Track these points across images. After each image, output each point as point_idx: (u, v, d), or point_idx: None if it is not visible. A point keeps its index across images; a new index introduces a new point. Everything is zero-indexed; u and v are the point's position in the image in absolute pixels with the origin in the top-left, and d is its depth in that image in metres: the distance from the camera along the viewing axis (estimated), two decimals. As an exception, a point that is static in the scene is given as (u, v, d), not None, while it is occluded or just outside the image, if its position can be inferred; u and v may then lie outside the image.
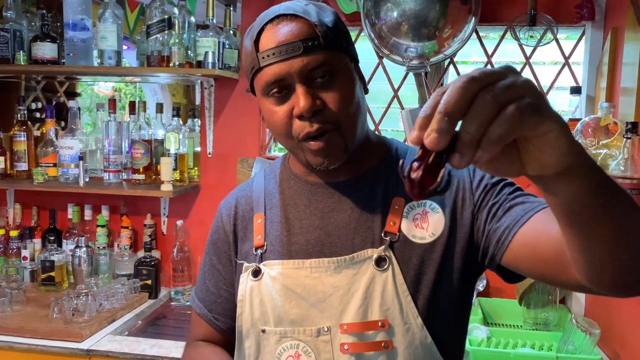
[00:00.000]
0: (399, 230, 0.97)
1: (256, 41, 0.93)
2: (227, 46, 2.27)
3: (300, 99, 0.90)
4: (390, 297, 0.95)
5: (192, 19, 2.29)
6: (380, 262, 0.96)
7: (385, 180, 1.01)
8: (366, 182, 1.01)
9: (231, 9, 2.33)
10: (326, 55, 0.91)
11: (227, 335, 1.10)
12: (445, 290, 0.97)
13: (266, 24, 0.93)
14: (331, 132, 0.93)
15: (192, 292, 1.17)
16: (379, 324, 0.95)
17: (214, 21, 2.24)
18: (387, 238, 0.96)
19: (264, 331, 1.00)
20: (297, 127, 0.93)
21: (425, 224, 0.97)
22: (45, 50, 2.26)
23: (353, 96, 0.95)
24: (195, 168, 2.46)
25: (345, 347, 0.95)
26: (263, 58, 0.91)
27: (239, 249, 1.07)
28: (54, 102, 2.61)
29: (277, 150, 2.51)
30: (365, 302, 0.95)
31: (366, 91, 1.01)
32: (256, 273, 1.01)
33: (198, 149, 2.45)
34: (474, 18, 2.07)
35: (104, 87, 3.02)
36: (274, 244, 1.02)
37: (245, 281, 1.02)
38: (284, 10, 0.93)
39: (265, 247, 1.03)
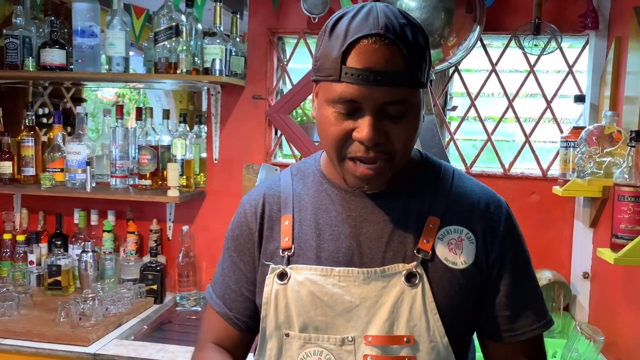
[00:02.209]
0: (432, 249, 0.97)
1: (345, 51, 0.88)
2: (233, 53, 2.29)
3: (365, 128, 0.88)
4: (418, 313, 0.95)
5: (199, 26, 2.32)
6: (410, 277, 0.95)
7: (420, 196, 1.01)
8: (401, 196, 1.01)
9: (238, 16, 2.35)
10: (406, 94, 0.89)
11: (246, 334, 1.09)
12: (466, 315, 1.00)
13: (361, 38, 0.87)
14: (383, 162, 0.92)
15: (209, 289, 1.13)
16: (405, 339, 0.95)
17: (221, 28, 2.26)
18: (420, 255, 0.96)
19: (287, 335, 1.00)
20: (352, 148, 0.92)
21: (459, 251, 0.98)
22: (54, 56, 2.28)
23: (415, 132, 0.94)
24: (201, 174, 2.48)
25: (369, 359, 0.96)
26: (346, 74, 0.87)
27: (264, 248, 1.05)
28: (60, 108, 2.63)
29: (282, 157, 2.53)
30: (392, 316, 0.95)
31: (422, 118, 0.99)
32: (282, 276, 1.00)
33: (204, 155, 2.47)
34: (478, 27, 2.09)
35: (108, 92, 3.04)
36: (303, 247, 1.01)
37: (271, 283, 1.00)
38: (383, 29, 0.86)
39: (292, 250, 1.01)
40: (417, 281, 0.95)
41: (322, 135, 0.95)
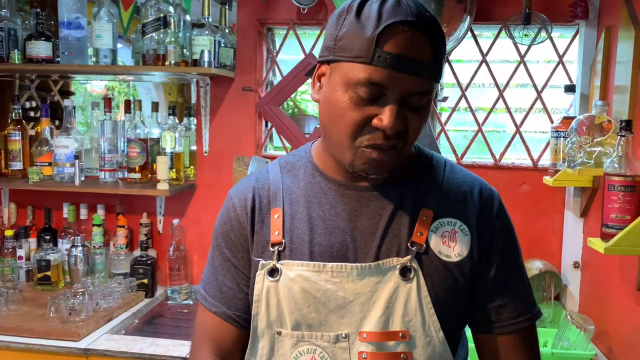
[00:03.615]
0: (426, 242, 0.96)
1: (380, 33, 0.84)
2: (222, 45, 2.27)
3: (389, 117, 0.86)
4: (413, 308, 0.93)
5: (188, 17, 2.29)
6: (405, 272, 0.94)
7: (414, 189, 0.99)
8: (395, 189, 0.99)
9: (227, 7, 2.33)
10: (430, 85, 0.89)
11: (247, 331, 1.03)
12: (461, 308, 0.99)
13: (397, 23, 0.85)
14: (395, 150, 0.91)
15: (201, 291, 1.07)
16: (400, 334, 0.94)
17: (210, 20, 2.24)
18: (414, 248, 0.95)
19: (279, 333, 0.97)
20: (368, 135, 0.89)
21: (453, 243, 0.96)
22: (40, 48, 2.25)
23: (424, 125, 0.94)
24: (191, 167, 2.46)
25: (364, 356, 0.94)
26: (379, 57, 0.84)
27: (255, 242, 1.01)
28: (48, 101, 2.59)
29: (273, 149, 2.51)
30: (387, 311, 0.93)
31: None
32: (273, 272, 0.97)
33: (194, 147, 2.45)
34: (469, 17, 2.09)
35: (97, 85, 3.01)
36: (295, 242, 0.98)
37: (262, 280, 0.98)
38: (417, 17, 0.85)
39: (283, 245, 0.98)
40: (411, 275, 0.94)
41: (335, 119, 0.91)
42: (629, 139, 1.48)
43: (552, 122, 2.18)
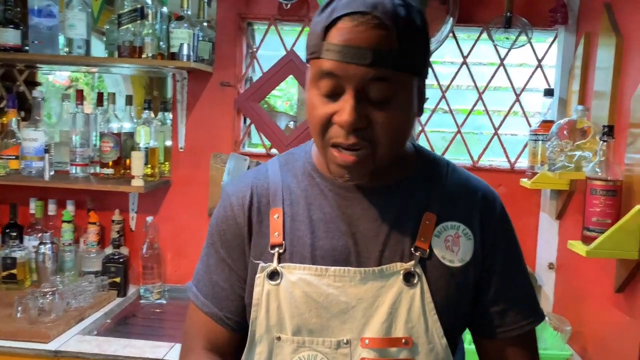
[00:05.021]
0: (430, 247, 0.94)
1: (328, 26, 0.83)
2: (200, 38, 2.22)
3: (345, 111, 0.84)
4: (417, 314, 0.92)
5: (165, 9, 2.23)
6: (409, 277, 0.92)
7: (418, 192, 0.97)
8: (399, 192, 0.97)
9: (205, 1, 2.27)
10: (393, 75, 0.84)
11: (238, 334, 1.01)
12: (464, 314, 0.98)
13: (346, 15, 0.82)
14: (364, 150, 0.87)
15: (192, 288, 1.04)
16: (403, 341, 0.92)
17: (189, 12, 2.18)
18: (417, 254, 0.93)
19: (279, 338, 0.94)
20: (332, 132, 0.87)
21: (456, 248, 0.95)
22: (8, 36, 2.15)
23: (405, 123, 0.90)
24: (166, 163, 2.40)
25: None
26: (327, 50, 0.83)
27: (253, 244, 0.98)
28: (14, 92, 2.48)
29: (250, 147, 2.47)
30: (390, 317, 0.92)
31: (421, 111, 0.93)
32: (273, 275, 0.94)
33: (169, 143, 2.39)
34: (451, 19, 2.10)
35: (60, 76, 2.89)
36: (296, 245, 0.95)
37: (262, 283, 0.94)
38: (370, 7, 0.82)
39: (283, 247, 0.95)
40: (415, 281, 0.92)
41: (308, 120, 0.91)
42: (611, 144, 1.50)
43: (529, 125, 2.21)
